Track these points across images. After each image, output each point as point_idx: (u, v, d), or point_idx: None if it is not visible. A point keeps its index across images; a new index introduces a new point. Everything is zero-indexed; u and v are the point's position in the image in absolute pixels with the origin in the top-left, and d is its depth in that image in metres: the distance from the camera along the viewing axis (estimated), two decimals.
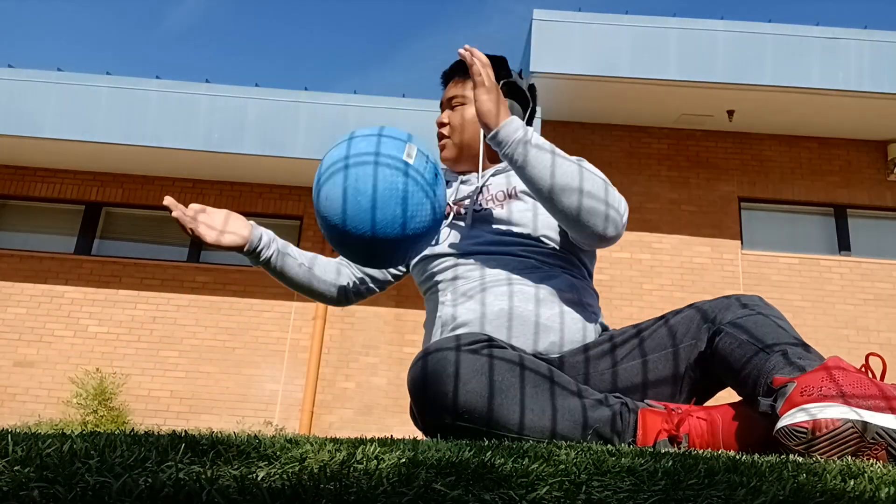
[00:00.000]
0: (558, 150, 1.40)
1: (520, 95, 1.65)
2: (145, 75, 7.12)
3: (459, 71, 1.68)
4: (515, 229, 1.51)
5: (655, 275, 7.21)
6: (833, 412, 1.01)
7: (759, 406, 1.12)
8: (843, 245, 7.44)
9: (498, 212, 1.53)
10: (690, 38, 6.64)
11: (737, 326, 1.26)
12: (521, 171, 1.36)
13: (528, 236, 1.51)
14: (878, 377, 1.11)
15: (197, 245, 7.58)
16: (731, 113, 7.07)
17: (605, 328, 1.54)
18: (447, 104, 1.67)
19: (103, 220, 7.68)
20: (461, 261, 1.51)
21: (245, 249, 1.57)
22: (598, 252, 7.73)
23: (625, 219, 1.45)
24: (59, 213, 7.67)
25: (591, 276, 1.59)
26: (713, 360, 1.30)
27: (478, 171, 1.63)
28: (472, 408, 1.21)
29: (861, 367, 1.12)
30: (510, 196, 1.56)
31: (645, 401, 1.29)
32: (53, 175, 7.59)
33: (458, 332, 1.44)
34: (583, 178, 1.37)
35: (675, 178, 7.52)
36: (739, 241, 7.33)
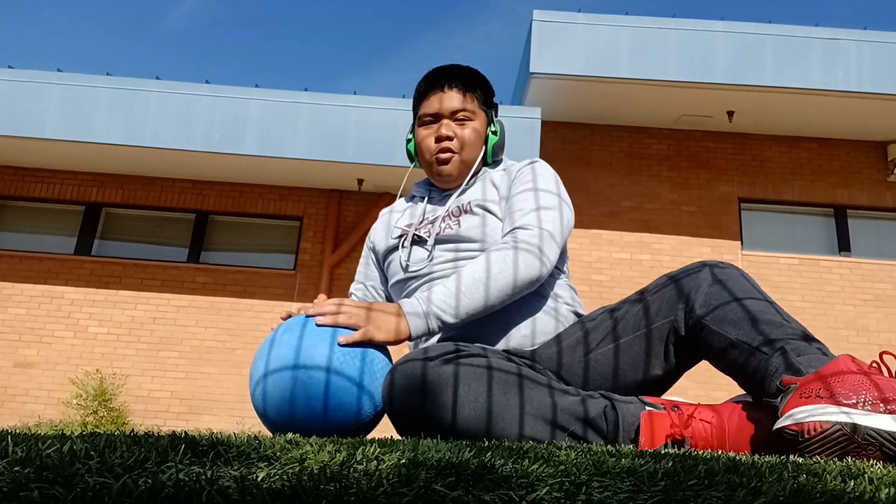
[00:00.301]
0: (461, 279, 1.39)
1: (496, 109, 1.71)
2: (145, 76, 7.13)
3: (453, 80, 1.62)
4: (472, 245, 1.52)
5: (655, 275, 7.20)
6: (822, 415, 1.02)
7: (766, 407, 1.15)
8: (843, 246, 7.44)
9: (455, 229, 1.54)
10: (690, 39, 6.64)
11: (724, 321, 1.25)
12: (465, 320, 1.38)
13: (482, 247, 1.52)
14: (894, 374, 1.11)
15: (197, 246, 7.59)
16: (730, 113, 7.07)
17: (579, 317, 1.54)
18: (450, 116, 1.60)
19: (103, 221, 7.68)
20: (427, 280, 1.54)
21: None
22: (598, 252, 7.72)
23: (545, 252, 1.43)
24: (59, 213, 7.67)
25: (559, 269, 1.58)
26: (706, 354, 1.31)
27: (456, 189, 1.63)
28: (407, 408, 1.24)
29: (872, 364, 1.12)
30: (464, 211, 1.57)
31: (639, 398, 1.28)
32: (53, 175, 7.59)
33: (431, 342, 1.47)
34: (490, 278, 1.38)
35: (675, 179, 7.52)
36: (739, 242, 7.34)
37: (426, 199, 1.67)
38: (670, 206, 7.43)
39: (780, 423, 1.07)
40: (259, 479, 0.58)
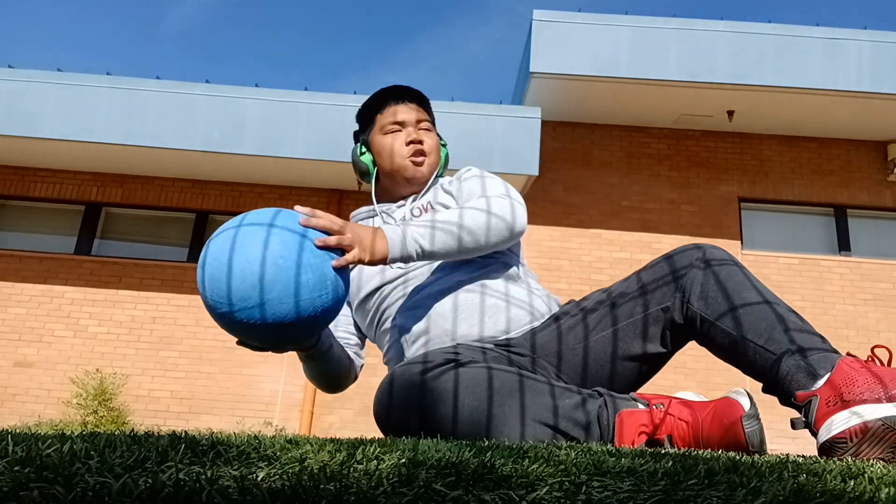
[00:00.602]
0: (436, 218, 1.39)
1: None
2: (145, 75, 7.12)
3: (407, 96, 1.69)
4: None
5: None
6: (861, 417, 1.08)
7: (793, 426, 1.18)
8: (843, 245, 7.44)
9: None
10: (690, 39, 6.64)
11: (725, 316, 1.29)
12: (431, 255, 1.36)
13: None
14: (886, 364, 1.16)
15: (197, 245, 7.59)
16: (730, 113, 7.07)
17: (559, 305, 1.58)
18: (415, 125, 1.66)
19: (103, 221, 7.68)
20: (404, 281, 1.54)
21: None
22: (598, 252, 7.71)
23: (517, 216, 1.46)
24: (59, 213, 7.67)
25: (518, 257, 1.62)
26: (705, 344, 1.35)
27: (409, 197, 1.67)
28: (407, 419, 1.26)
29: (868, 358, 1.18)
30: (425, 210, 1.61)
31: (631, 394, 1.28)
32: (53, 175, 7.59)
33: (421, 343, 1.46)
34: (462, 218, 1.39)
35: (675, 179, 7.52)
36: (739, 242, 7.34)
37: (379, 215, 1.69)
38: (670, 205, 7.43)
39: (823, 437, 1.11)
40: (259, 478, 0.58)
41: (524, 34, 7.11)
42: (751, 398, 1.17)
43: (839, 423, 1.09)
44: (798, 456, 1.02)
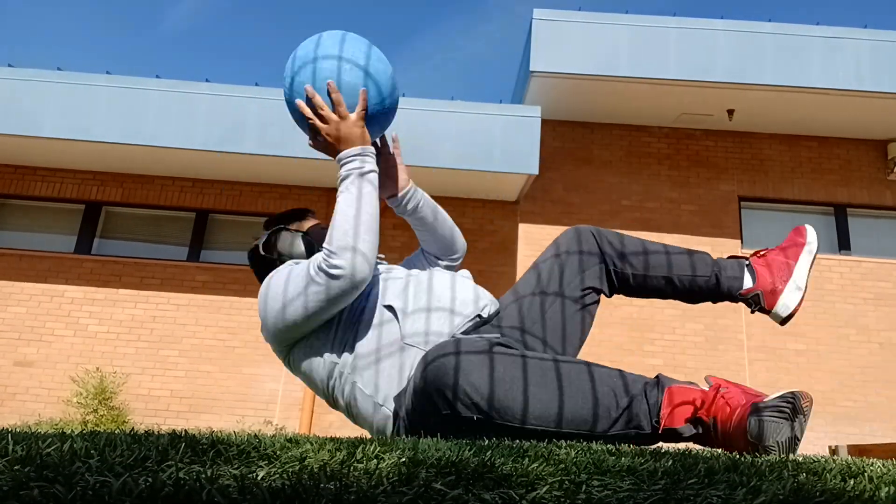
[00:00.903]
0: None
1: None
2: (145, 75, 7.12)
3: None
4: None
5: None
6: (795, 298, 1.61)
7: (752, 311, 1.64)
8: (843, 244, 7.44)
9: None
10: (690, 38, 6.64)
11: (653, 266, 1.62)
12: (420, 205, 1.73)
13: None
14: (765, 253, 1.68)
15: (197, 244, 7.59)
16: (731, 112, 7.07)
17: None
18: None
19: (103, 220, 7.68)
20: (385, 279, 1.64)
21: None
22: None
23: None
24: (60, 212, 7.67)
25: None
26: (642, 293, 1.68)
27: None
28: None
29: (759, 253, 1.71)
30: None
31: (706, 378, 1.30)
32: (53, 174, 7.59)
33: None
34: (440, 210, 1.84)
35: (675, 178, 7.52)
36: (739, 241, 7.33)
37: None
38: (670, 204, 7.43)
39: (786, 312, 1.59)
40: (259, 477, 0.58)
41: (524, 33, 7.12)
42: (781, 399, 1.14)
43: (792, 300, 1.60)
44: (798, 455, 1.02)
